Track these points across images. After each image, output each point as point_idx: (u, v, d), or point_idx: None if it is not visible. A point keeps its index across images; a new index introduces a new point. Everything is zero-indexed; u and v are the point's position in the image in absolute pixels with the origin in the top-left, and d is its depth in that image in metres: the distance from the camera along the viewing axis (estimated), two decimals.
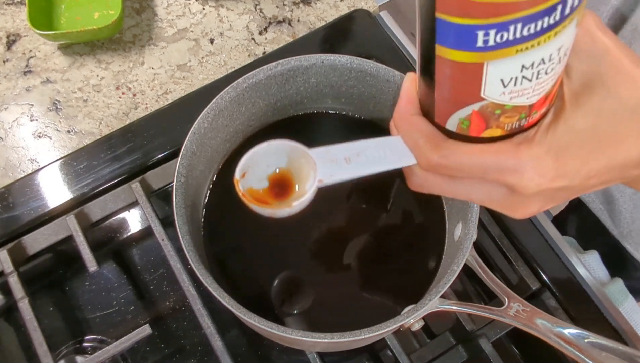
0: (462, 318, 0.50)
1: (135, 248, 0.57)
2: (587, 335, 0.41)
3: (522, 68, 0.25)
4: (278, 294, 0.47)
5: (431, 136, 0.29)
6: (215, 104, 0.45)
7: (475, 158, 0.28)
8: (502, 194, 0.29)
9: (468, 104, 0.27)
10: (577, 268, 0.53)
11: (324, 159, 0.32)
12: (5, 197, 0.54)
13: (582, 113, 0.27)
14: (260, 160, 0.33)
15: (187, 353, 0.52)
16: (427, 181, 0.32)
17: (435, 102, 0.29)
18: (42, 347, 0.47)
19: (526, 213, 0.29)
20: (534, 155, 0.27)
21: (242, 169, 0.32)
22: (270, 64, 0.46)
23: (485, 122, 0.28)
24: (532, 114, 0.28)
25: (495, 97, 0.26)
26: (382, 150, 0.32)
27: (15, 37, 0.65)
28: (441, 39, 0.25)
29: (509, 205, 0.29)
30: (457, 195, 0.31)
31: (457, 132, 0.29)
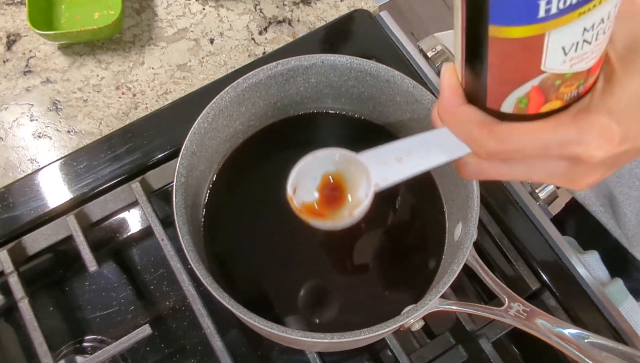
0: (462, 318, 0.50)
1: (135, 248, 0.57)
2: (587, 335, 0.41)
3: (583, 31, 0.24)
4: (278, 294, 0.47)
5: (484, 123, 0.28)
6: (215, 104, 0.45)
7: (535, 137, 0.27)
8: (564, 168, 0.28)
9: (527, 80, 0.26)
10: (577, 268, 0.53)
11: (376, 163, 0.32)
12: (5, 197, 0.54)
13: (633, 74, 0.26)
14: (308, 172, 0.33)
15: (187, 353, 0.52)
16: (482, 169, 0.31)
17: (488, 87, 0.27)
18: (42, 347, 0.47)
19: (590, 183, 0.29)
20: (596, 123, 0.26)
21: (292, 184, 0.32)
22: (270, 64, 0.46)
23: (545, 95, 0.27)
24: (589, 78, 0.27)
25: (556, 68, 0.25)
26: (432, 145, 0.31)
27: (15, 37, 0.65)
28: (496, 18, 0.24)
29: (571, 178, 0.29)
30: (515, 178, 0.31)
31: (514, 113, 0.28)
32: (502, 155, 0.29)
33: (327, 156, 0.32)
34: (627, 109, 0.26)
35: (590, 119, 0.26)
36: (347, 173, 0.32)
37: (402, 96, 0.47)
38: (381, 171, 0.31)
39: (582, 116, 0.27)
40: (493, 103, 0.28)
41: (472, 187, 0.43)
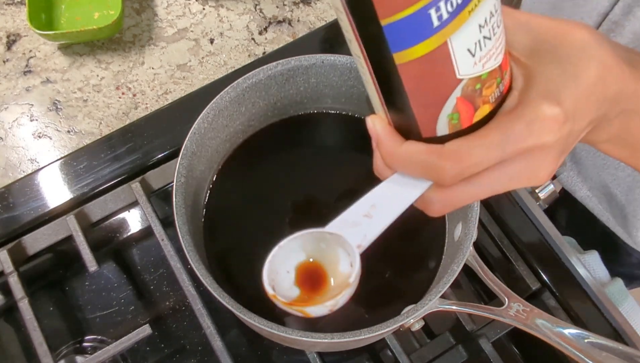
0: (462, 318, 0.50)
1: (135, 248, 0.57)
2: (587, 335, 0.41)
3: (480, 28, 0.25)
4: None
5: (432, 150, 0.28)
6: (215, 104, 0.45)
7: (485, 142, 0.27)
8: (522, 166, 0.29)
9: (449, 94, 0.26)
10: (577, 268, 0.53)
11: (346, 227, 0.31)
12: (5, 197, 0.54)
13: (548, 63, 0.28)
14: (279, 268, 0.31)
15: (187, 353, 0.52)
16: (448, 198, 0.30)
17: (416, 116, 0.28)
18: (42, 347, 0.47)
19: (549, 172, 0.30)
20: (537, 110, 0.27)
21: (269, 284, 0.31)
22: (270, 64, 0.46)
23: (472, 103, 0.27)
24: (504, 75, 0.28)
25: (470, 71, 0.26)
26: (392, 191, 0.31)
27: (15, 37, 0.65)
28: (396, 44, 0.24)
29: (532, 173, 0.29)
30: (483, 194, 0.30)
31: (451, 133, 0.28)
32: (462, 174, 0.28)
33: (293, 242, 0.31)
34: (556, 90, 0.27)
35: (530, 109, 0.27)
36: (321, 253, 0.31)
37: None
38: (356, 232, 0.31)
39: (521, 110, 0.27)
40: (428, 131, 0.28)
41: None
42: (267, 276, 0.31)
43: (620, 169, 0.60)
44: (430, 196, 0.31)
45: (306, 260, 0.31)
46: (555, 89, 0.28)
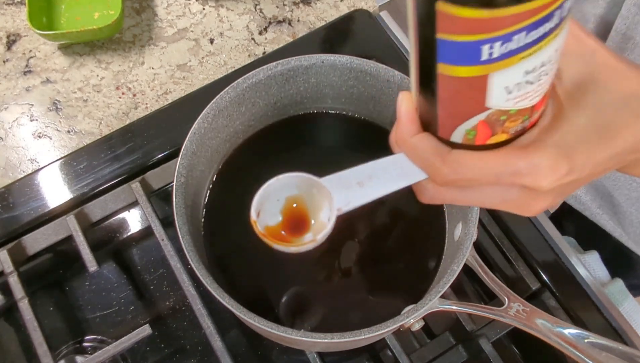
0: (462, 318, 0.50)
1: (135, 248, 0.57)
2: (587, 335, 0.41)
3: (525, 74, 0.25)
4: (278, 294, 0.47)
5: (438, 152, 0.30)
6: (215, 104, 0.45)
7: (487, 165, 0.28)
8: (514, 195, 0.30)
9: (473, 115, 0.27)
10: (577, 268, 0.53)
11: (338, 187, 0.32)
12: (5, 197, 0.54)
13: (580, 110, 0.28)
14: (272, 195, 0.33)
15: (187, 353, 0.52)
16: (439, 194, 0.32)
17: (439, 118, 0.29)
18: (42, 347, 0.47)
19: (539, 210, 0.30)
20: (544, 155, 0.27)
21: (256, 208, 0.33)
22: (270, 64, 0.46)
23: (491, 129, 0.28)
24: (534, 114, 0.28)
25: (501, 105, 0.27)
26: (392, 169, 0.32)
27: (15, 37, 0.65)
28: (443, 57, 0.25)
29: (521, 205, 0.30)
30: (470, 203, 0.32)
31: (462, 143, 0.29)
32: (456, 182, 0.30)
33: (290, 179, 0.33)
34: (574, 144, 0.28)
35: (539, 152, 0.28)
36: (310, 197, 0.33)
37: None
38: (343, 195, 0.32)
39: (532, 149, 0.28)
40: (443, 133, 0.29)
41: None
42: (259, 200, 0.33)
43: (633, 189, 0.59)
44: (424, 185, 0.32)
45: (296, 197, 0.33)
46: (574, 143, 0.28)
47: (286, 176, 0.33)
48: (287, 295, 0.48)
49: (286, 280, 0.48)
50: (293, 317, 0.46)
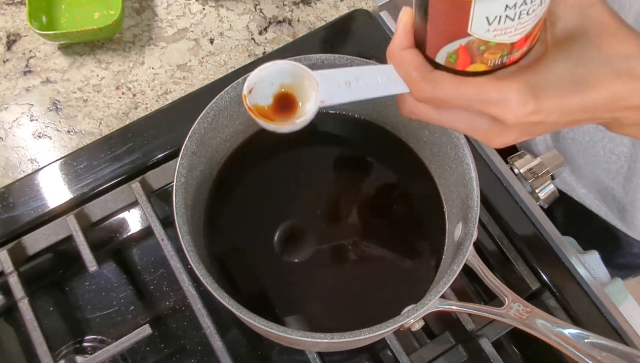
0: (462, 318, 0.50)
1: (135, 248, 0.57)
2: (587, 335, 0.41)
3: (505, 8, 0.27)
4: (278, 294, 0.47)
5: (421, 68, 0.32)
6: (215, 104, 0.45)
7: (461, 89, 0.31)
8: (483, 125, 0.32)
9: (456, 38, 0.30)
10: (577, 268, 0.53)
11: (327, 82, 0.34)
12: (5, 197, 0.54)
13: (563, 57, 0.29)
14: (265, 78, 0.35)
15: (187, 353, 0.52)
16: (417, 109, 0.34)
17: (427, 36, 0.31)
18: (42, 347, 0.47)
19: (503, 143, 0.32)
20: (515, 89, 0.29)
21: (249, 85, 0.35)
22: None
23: (471, 57, 0.30)
24: (514, 52, 0.30)
25: (481, 34, 0.29)
26: (379, 77, 0.34)
27: (15, 37, 0.65)
28: None
29: (489, 135, 0.32)
30: (443, 123, 0.34)
31: (445, 65, 0.31)
32: (432, 100, 0.32)
33: (285, 66, 0.35)
34: (547, 86, 0.29)
35: (511, 86, 0.29)
36: (301, 86, 0.35)
37: None
38: (329, 91, 0.34)
39: (505, 82, 0.30)
40: (430, 52, 0.32)
41: (472, 187, 0.43)
42: (252, 79, 0.35)
43: (613, 162, 0.60)
44: (405, 98, 0.35)
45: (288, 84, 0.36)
46: (546, 85, 0.29)
47: (282, 62, 0.35)
48: (287, 295, 0.48)
49: (286, 280, 0.48)
50: (293, 317, 0.46)
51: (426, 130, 0.48)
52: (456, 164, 0.45)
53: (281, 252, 0.49)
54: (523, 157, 0.56)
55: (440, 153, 0.48)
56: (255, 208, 0.50)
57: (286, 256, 0.48)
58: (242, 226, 0.49)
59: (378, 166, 0.53)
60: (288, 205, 0.50)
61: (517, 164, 0.56)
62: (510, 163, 0.57)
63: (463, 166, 0.44)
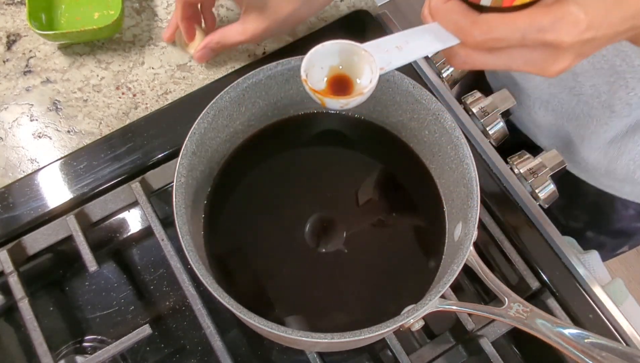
0: (462, 318, 0.50)
1: (135, 248, 0.57)
2: (587, 335, 0.41)
3: None
4: (278, 294, 0.47)
5: (469, 15, 0.33)
6: (215, 104, 0.45)
7: (514, 24, 0.31)
8: (538, 55, 0.33)
9: None
10: (577, 268, 0.53)
11: (379, 51, 0.35)
12: (5, 197, 0.55)
13: None
14: (316, 62, 0.36)
15: (187, 353, 0.52)
16: (469, 58, 0.35)
17: None
18: (42, 347, 0.47)
19: (560, 68, 0.33)
20: (566, 11, 0.30)
21: (304, 69, 0.35)
22: (270, 64, 0.46)
23: None
24: None
25: None
26: (427, 36, 0.35)
27: (15, 37, 0.65)
28: None
29: (545, 64, 0.33)
30: (498, 66, 0.34)
31: (491, 6, 0.32)
32: (487, 43, 0.33)
33: (333, 46, 0.36)
34: (592, 3, 0.31)
35: (561, 9, 0.31)
36: (351, 64, 0.36)
37: (402, 96, 0.47)
38: (384, 57, 0.35)
39: (554, 7, 0.31)
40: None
41: (472, 187, 0.43)
42: (305, 65, 0.35)
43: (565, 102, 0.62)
44: (456, 50, 0.35)
45: (338, 66, 0.36)
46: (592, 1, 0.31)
47: (329, 42, 0.36)
48: (287, 295, 0.48)
49: (286, 280, 0.48)
50: (293, 317, 0.46)
51: (426, 130, 0.48)
52: (456, 164, 0.45)
53: (281, 252, 0.49)
54: (523, 157, 0.57)
55: (440, 153, 0.48)
56: (255, 208, 0.50)
57: (286, 256, 0.48)
58: (242, 226, 0.49)
59: (378, 166, 0.53)
60: (288, 205, 0.50)
61: (517, 164, 0.56)
62: (510, 163, 0.57)
63: (463, 166, 0.44)
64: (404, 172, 0.52)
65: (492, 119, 0.57)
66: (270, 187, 0.51)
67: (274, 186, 0.51)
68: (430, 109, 0.46)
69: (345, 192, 0.52)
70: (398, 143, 0.52)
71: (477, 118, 0.57)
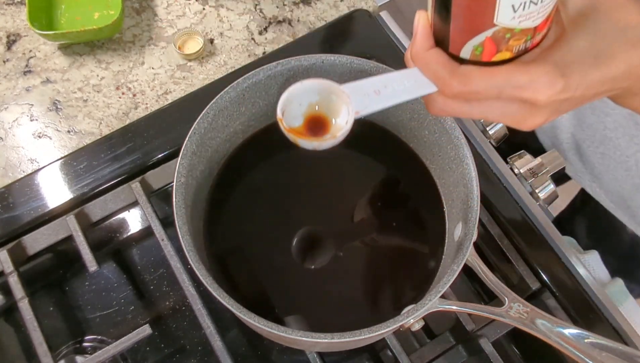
0: (462, 318, 0.50)
1: (135, 248, 0.57)
2: (587, 335, 0.41)
3: None
4: (278, 294, 0.47)
5: (448, 66, 0.33)
6: (215, 104, 0.45)
7: (491, 79, 0.31)
8: (514, 110, 0.33)
9: (482, 31, 0.30)
10: (577, 268, 0.53)
11: (356, 94, 0.35)
12: (5, 197, 0.54)
13: (581, 34, 0.31)
14: (294, 99, 0.36)
15: (187, 353, 0.52)
16: (446, 106, 0.35)
17: (451, 34, 0.32)
18: (42, 347, 0.47)
19: (535, 124, 0.33)
20: (544, 71, 0.30)
21: (281, 108, 0.35)
22: (270, 64, 0.46)
23: (497, 46, 0.31)
24: (536, 35, 0.31)
25: (507, 23, 0.30)
26: (406, 81, 0.35)
27: (15, 37, 0.65)
28: None
29: (520, 119, 0.33)
30: (473, 116, 0.34)
31: (470, 59, 0.32)
32: (464, 95, 0.33)
33: (312, 84, 0.36)
34: (571, 63, 0.30)
35: (539, 68, 0.30)
36: (329, 103, 0.36)
37: None
38: (362, 101, 0.35)
39: (532, 65, 0.31)
40: (454, 49, 0.33)
41: (472, 187, 0.43)
42: (283, 102, 0.35)
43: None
44: (434, 97, 0.35)
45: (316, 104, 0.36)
46: (571, 62, 0.30)
47: (309, 80, 0.36)
48: (287, 295, 0.48)
49: (286, 280, 0.48)
50: (293, 317, 0.46)
51: (426, 130, 0.48)
52: (456, 164, 0.45)
53: (281, 252, 0.49)
54: (523, 157, 0.57)
55: (440, 153, 0.48)
56: (255, 208, 0.50)
57: (286, 256, 0.48)
58: (242, 226, 0.49)
59: (378, 166, 0.53)
60: (288, 205, 0.50)
61: (517, 164, 0.56)
62: (510, 163, 0.57)
63: (463, 166, 0.44)
64: (404, 172, 0.52)
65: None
66: (270, 187, 0.51)
67: (274, 186, 0.51)
68: None
69: (345, 192, 0.52)
70: (398, 142, 0.52)
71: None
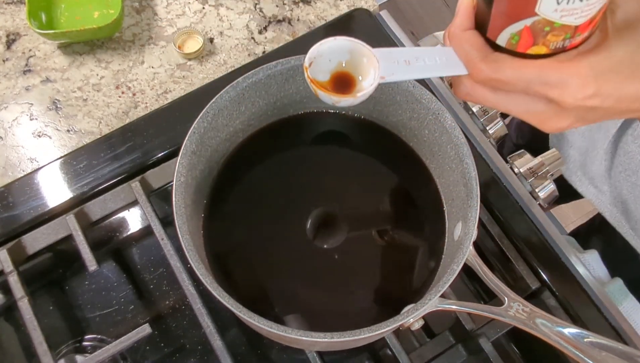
0: (462, 317, 0.50)
1: (135, 248, 0.57)
2: (587, 335, 0.41)
3: None
4: (278, 294, 0.47)
5: (482, 49, 0.32)
6: (215, 104, 0.45)
7: (522, 71, 0.31)
8: (539, 107, 0.32)
9: (522, 18, 0.30)
10: (577, 267, 0.53)
11: (387, 59, 0.35)
12: (5, 196, 0.54)
13: (622, 44, 0.30)
14: (325, 53, 0.35)
15: (187, 352, 0.52)
16: (473, 91, 0.34)
17: (491, 17, 0.31)
18: (42, 346, 0.47)
19: (558, 127, 0.33)
20: (576, 72, 0.30)
21: (309, 58, 0.35)
22: (270, 63, 0.46)
23: (534, 38, 0.31)
24: (576, 36, 0.31)
25: (548, 14, 0.29)
26: (437, 58, 0.35)
27: (15, 36, 0.64)
28: None
29: (544, 118, 0.32)
30: (498, 106, 0.34)
31: (506, 47, 0.32)
32: (491, 82, 0.32)
33: (345, 43, 0.36)
34: (606, 71, 0.30)
35: (572, 68, 0.30)
36: (359, 63, 0.36)
37: (402, 95, 0.47)
38: (390, 67, 0.35)
39: (567, 64, 0.30)
40: (491, 34, 0.32)
41: (472, 186, 0.43)
42: (312, 53, 0.35)
43: None
44: (462, 80, 0.35)
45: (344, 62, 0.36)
46: (607, 70, 0.30)
47: (342, 38, 0.35)
48: (287, 294, 0.48)
49: (286, 279, 0.48)
50: (293, 316, 0.46)
51: (426, 129, 0.48)
52: (456, 164, 0.45)
53: (281, 251, 0.49)
54: (523, 156, 0.57)
55: (440, 152, 0.48)
56: (255, 207, 0.50)
57: (286, 256, 0.48)
58: (241, 225, 0.49)
59: (378, 166, 0.53)
60: (288, 204, 0.50)
61: (517, 163, 0.56)
62: (510, 163, 0.57)
63: (463, 165, 0.44)
64: (404, 171, 0.52)
65: (492, 118, 0.57)
66: (270, 186, 0.51)
67: (274, 186, 0.51)
68: (430, 108, 0.46)
69: (344, 191, 0.52)
70: (398, 142, 0.52)
71: (477, 117, 0.57)
